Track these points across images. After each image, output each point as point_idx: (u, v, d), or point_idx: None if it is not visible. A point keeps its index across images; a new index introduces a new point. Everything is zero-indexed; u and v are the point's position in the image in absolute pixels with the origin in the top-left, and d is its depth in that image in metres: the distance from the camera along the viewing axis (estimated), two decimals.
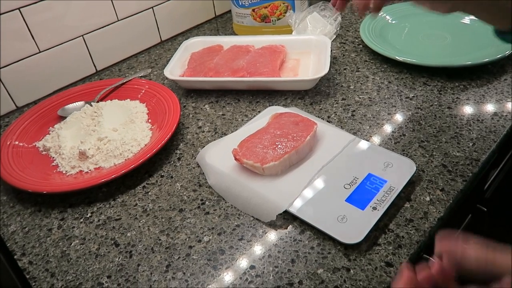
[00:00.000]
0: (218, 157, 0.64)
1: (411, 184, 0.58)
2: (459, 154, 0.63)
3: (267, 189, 0.58)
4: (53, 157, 0.69)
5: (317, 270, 0.49)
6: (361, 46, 0.93)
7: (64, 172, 0.66)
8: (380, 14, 0.94)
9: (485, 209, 0.79)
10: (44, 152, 0.71)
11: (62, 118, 0.77)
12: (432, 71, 0.81)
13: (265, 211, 0.55)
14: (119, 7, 0.93)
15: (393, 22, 0.97)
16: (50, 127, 0.76)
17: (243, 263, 0.51)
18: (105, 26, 0.92)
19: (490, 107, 0.71)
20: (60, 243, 0.57)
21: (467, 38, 0.88)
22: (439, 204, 0.56)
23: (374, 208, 0.54)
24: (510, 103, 0.72)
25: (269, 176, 0.59)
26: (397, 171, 0.58)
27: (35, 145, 0.73)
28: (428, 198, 0.57)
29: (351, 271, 0.49)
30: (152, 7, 0.98)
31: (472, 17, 0.93)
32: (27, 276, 0.53)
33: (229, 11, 1.12)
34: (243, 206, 0.58)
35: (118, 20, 0.94)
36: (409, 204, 0.56)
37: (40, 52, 0.85)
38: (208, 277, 0.50)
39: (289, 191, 0.57)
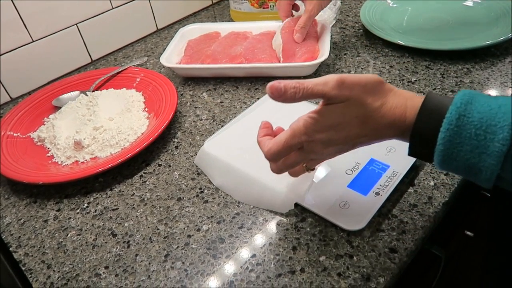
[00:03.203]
0: (221, 154, 0.61)
1: (414, 169, 0.57)
2: None
3: (277, 179, 0.54)
4: (48, 148, 0.68)
5: (319, 257, 0.48)
6: (361, 30, 0.91)
7: (59, 162, 0.65)
8: None
9: (489, 195, 0.78)
10: (39, 143, 0.70)
11: (57, 108, 0.76)
12: (435, 55, 0.79)
13: (281, 202, 0.54)
14: None
15: (394, 5, 0.95)
16: (45, 118, 0.74)
17: (243, 251, 0.50)
18: (99, 15, 0.90)
19: (494, 90, 0.70)
20: (56, 234, 0.56)
21: (470, 21, 0.86)
22: (443, 188, 0.54)
23: (377, 194, 0.53)
24: None
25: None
26: (400, 156, 0.57)
27: (30, 135, 0.71)
28: (432, 183, 0.55)
29: (354, 257, 0.48)
30: None
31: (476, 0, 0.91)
32: (23, 268, 0.52)
33: None
34: (256, 202, 0.56)
35: (113, 8, 0.92)
36: (412, 189, 0.55)
37: (33, 41, 0.83)
38: (208, 266, 0.49)
39: (299, 179, 0.54)
